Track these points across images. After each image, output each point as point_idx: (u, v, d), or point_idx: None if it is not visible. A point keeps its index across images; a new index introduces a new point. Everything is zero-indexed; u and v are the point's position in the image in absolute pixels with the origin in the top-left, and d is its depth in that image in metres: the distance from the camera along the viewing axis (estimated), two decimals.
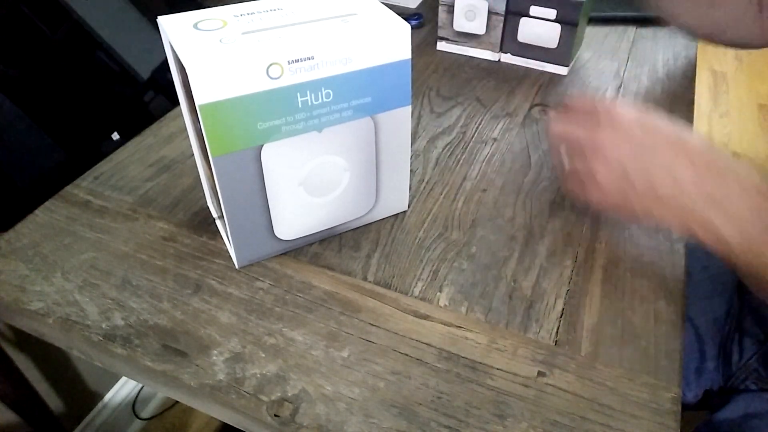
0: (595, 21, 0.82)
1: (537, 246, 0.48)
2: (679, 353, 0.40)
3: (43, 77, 0.52)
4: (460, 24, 0.72)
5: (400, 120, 0.44)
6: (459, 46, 0.74)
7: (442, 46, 0.75)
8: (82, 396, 1.04)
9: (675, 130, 0.41)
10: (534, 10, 0.67)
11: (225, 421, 0.41)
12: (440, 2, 0.71)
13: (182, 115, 0.63)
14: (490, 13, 0.70)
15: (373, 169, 0.46)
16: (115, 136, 0.58)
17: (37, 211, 0.51)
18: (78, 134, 0.55)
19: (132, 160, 0.57)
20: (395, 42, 0.39)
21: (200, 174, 0.49)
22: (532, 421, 0.37)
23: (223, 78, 0.35)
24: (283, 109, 0.38)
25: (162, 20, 0.39)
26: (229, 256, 0.47)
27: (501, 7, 0.69)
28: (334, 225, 0.48)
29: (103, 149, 0.58)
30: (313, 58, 0.37)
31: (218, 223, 0.49)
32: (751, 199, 0.38)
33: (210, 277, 0.46)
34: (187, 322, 0.42)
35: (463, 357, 0.40)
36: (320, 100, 0.39)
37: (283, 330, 0.42)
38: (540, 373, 0.39)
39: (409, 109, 0.44)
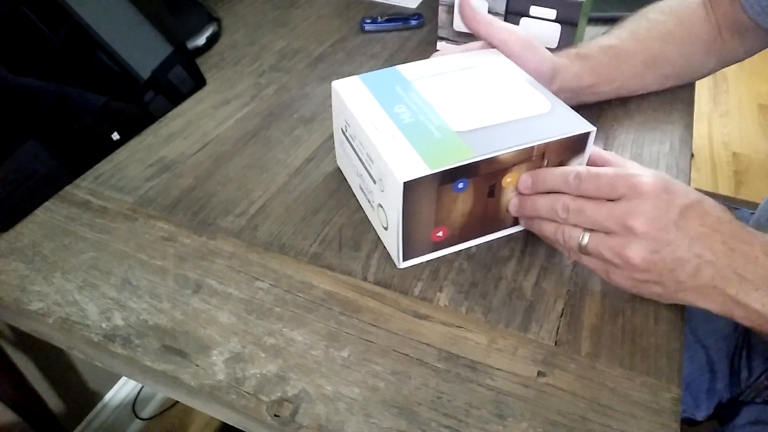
0: (595, 21, 0.82)
1: (537, 246, 0.48)
2: (679, 353, 0.40)
3: (43, 77, 0.52)
4: (460, 24, 0.72)
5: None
6: (459, 46, 0.74)
7: (441, 46, 0.75)
8: (82, 396, 1.04)
9: (695, 197, 0.38)
10: (534, 10, 0.67)
11: (225, 421, 0.41)
12: (440, 2, 0.71)
13: (182, 115, 0.63)
14: (490, 13, 0.69)
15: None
16: (115, 136, 0.58)
17: (37, 211, 0.51)
18: (78, 134, 0.55)
19: (132, 160, 0.57)
20: None
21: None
22: (532, 421, 0.37)
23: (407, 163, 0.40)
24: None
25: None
26: (230, 255, 0.47)
27: (501, 7, 0.69)
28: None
29: (103, 149, 0.58)
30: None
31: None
32: None
33: (210, 277, 0.46)
34: (187, 322, 0.42)
35: (463, 357, 0.40)
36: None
37: (283, 330, 0.42)
38: (540, 373, 0.39)
39: None
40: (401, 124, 0.43)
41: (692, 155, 0.53)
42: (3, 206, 0.50)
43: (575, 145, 0.43)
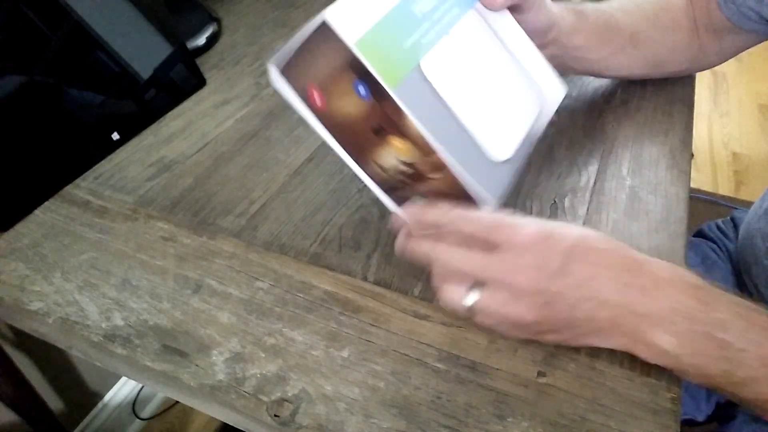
0: None
1: None
2: None
3: (43, 77, 0.52)
4: None
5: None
6: None
7: None
8: (82, 396, 1.04)
9: (577, 234, 0.36)
10: None
11: (225, 421, 0.41)
12: None
13: (182, 115, 0.63)
14: None
15: (508, 55, 0.43)
16: (115, 136, 0.58)
17: (37, 211, 0.51)
18: (78, 134, 0.55)
19: (132, 160, 0.57)
20: None
21: (359, 174, 0.42)
22: (532, 421, 0.37)
23: (357, 14, 0.35)
24: (417, 21, 0.37)
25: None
26: (230, 255, 0.47)
27: None
28: (530, 124, 0.43)
29: (103, 149, 0.58)
30: None
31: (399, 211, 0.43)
32: (671, 297, 0.35)
33: (210, 277, 0.46)
34: (187, 322, 0.42)
35: (463, 357, 0.40)
36: (429, 5, 0.38)
37: (283, 330, 0.42)
38: (540, 373, 0.39)
39: None
40: (406, 2, 0.38)
41: (692, 155, 0.53)
42: (3, 206, 0.50)
43: (468, 195, 0.38)
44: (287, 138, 0.60)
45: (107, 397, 1.09)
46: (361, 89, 0.36)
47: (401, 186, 0.40)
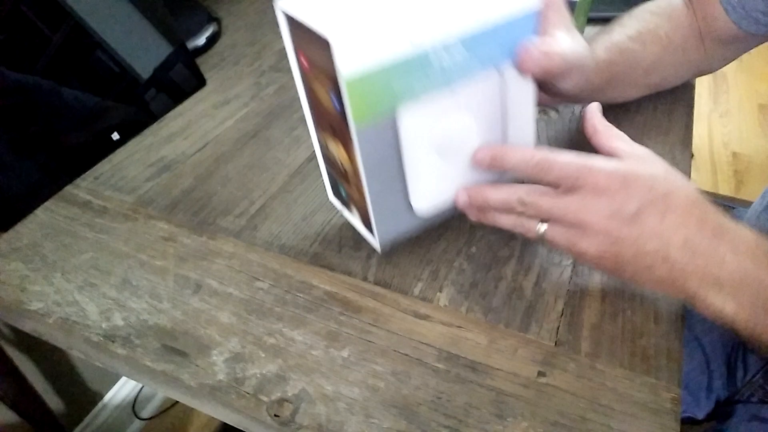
0: (595, 21, 0.82)
1: (537, 246, 0.48)
2: (679, 353, 0.40)
3: (43, 77, 0.52)
4: None
5: (524, 81, 0.42)
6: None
7: None
8: (82, 396, 1.04)
9: (661, 178, 0.37)
10: None
11: (225, 421, 0.41)
12: None
13: (182, 115, 0.63)
14: None
15: (499, 127, 0.43)
16: (115, 136, 0.58)
17: (37, 211, 0.51)
18: (78, 134, 0.55)
19: (132, 160, 0.57)
20: None
21: (321, 166, 0.47)
22: (532, 421, 0.37)
23: (366, 49, 0.34)
24: (420, 73, 0.37)
25: (281, 3, 0.38)
26: (230, 255, 0.47)
27: None
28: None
29: (103, 149, 0.58)
30: (444, 14, 0.36)
31: (345, 213, 0.48)
32: (745, 267, 0.36)
33: (210, 277, 0.46)
34: (187, 322, 0.42)
35: (463, 357, 0.40)
36: (453, 59, 0.38)
37: (283, 330, 0.42)
38: (540, 373, 0.39)
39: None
40: (424, 57, 0.37)
41: (692, 155, 0.53)
42: (3, 206, 0.50)
43: (367, 222, 0.43)
44: (287, 138, 0.60)
45: (107, 397, 1.09)
46: (334, 99, 0.38)
47: (334, 169, 0.45)
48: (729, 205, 0.87)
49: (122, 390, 1.12)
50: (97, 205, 0.52)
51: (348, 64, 0.34)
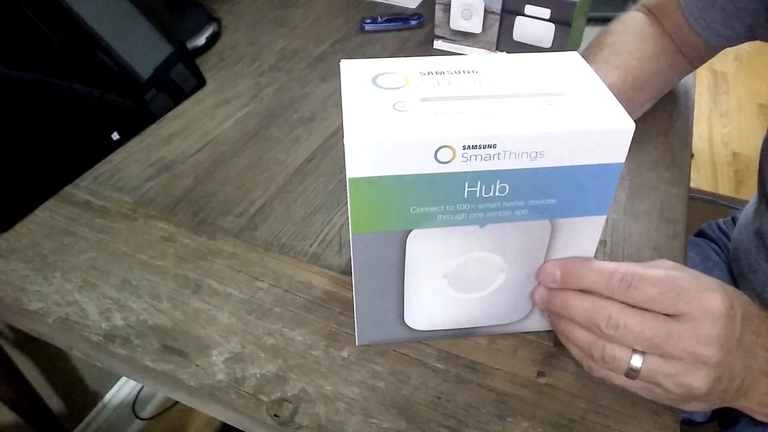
0: (595, 21, 0.82)
1: None
2: None
3: (43, 76, 0.52)
4: (457, 23, 0.72)
5: (588, 229, 0.35)
6: (455, 45, 0.74)
7: (438, 44, 0.75)
8: (82, 396, 1.04)
9: (745, 300, 0.34)
10: (529, 9, 0.67)
11: (225, 421, 0.41)
12: (437, 1, 0.71)
13: (182, 115, 0.63)
14: (486, 11, 0.70)
15: (535, 275, 0.37)
16: (115, 136, 0.58)
17: (37, 211, 0.51)
18: (78, 134, 0.55)
19: (132, 160, 0.57)
20: (609, 141, 0.30)
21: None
22: (532, 421, 0.36)
23: (382, 154, 0.29)
24: (444, 197, 0.32)
25: (344, 64, 0.34)
26: (230, 255, 0.47)
27: (497, 6, 0.69)
28: (474, 326, 0.40)
29: (103, 149, 0.58)
30: (495, 147, 0.30)
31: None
32: None
33: (210, 277, 0.46)
34: (187, 322, 0.42)
35: (463, 357, 0.40)
36: (491, 194, 0.32)
37: (283, 330, 0.42)
38: (540, 373, 0.39)
39: (603, 219, 0.34)
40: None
41: (692, 155, 0.53)
42: (3, 206, 0.50)
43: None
44: (287, 138, 0.60)
45: (107, 397, 1.09)
46: None
47: None
48: (729, 205, 0.87)
49: (122, 390, 1.11)
50: (97, 205, 0.52)
51: (357, 164, 0.30)
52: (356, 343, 0.41)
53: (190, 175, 0.55)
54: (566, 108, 0.31)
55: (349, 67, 0.34)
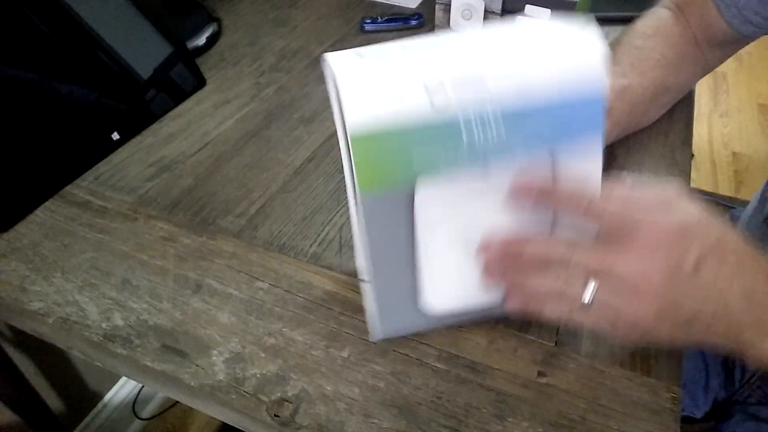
0: (594, 21, 0.82)
1: None
2: (679, 353, 0.40)
3: (43, 76, 0.52)
4: (457, 23, 0.72)
5: (588, 153, 0.35)
6: None
7: None
8: (82, 396, 1.04)
9: (716, 235, 0.34)
10: (529, 9, 0.67)
11: (225, 421, 0.41)
12: (437, 1, 0.71)
13: (182, 115, 0.63)
14: (486, 11, 0.70)
15: (547, 219, 0.37)
16: (115, 136, 0.58)
17: (37, 211, 0.51)
18: (78, 134, 0.55)
19: (132, 160, 0.57)
20: (587, 65, 0.32)
21: (354, 227, 0.41)
22: (532, 421, 0.36)
23: (382, 105, 0.30)
24: (444, 144, 0.32)
25: (328, 56, 0.34)
26: (230, 255, 0.47)
27: (497, 6, 0.69)
28: (490, 304, 0.38)
29: (103, 149, 0.58)
30: (483, 79, 0.31)
31: (364, 286, 0.41)
32: None
33: (210, 277, 0.46)
34: (187, 322, 0.42)
35: (463, 357, 0.40)
36: (489, 136, 0.32)
37: (283, 330, 0.42)
38: (540, 373, 0.39)
39: (599, 146, 0.34)
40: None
41: (692, 155, 0.53)
42: (3, 206, 0.50)
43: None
44: (287, 138, 0.60)
45: (107, 397, 1.09)
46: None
47: None
48: (729, 205, 0.87)
49: (122, 390, 1.11)
50: (97, 205, 0.52)
51: (356, 119, 0.30)
52: (371, 339, 0.40)
53: (190, 175, 0.55)
54: (545, 43, 0.33)
55: (332, 56, 0.34)
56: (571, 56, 0.33)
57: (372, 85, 0.31)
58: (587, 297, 0.34)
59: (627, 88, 0.53)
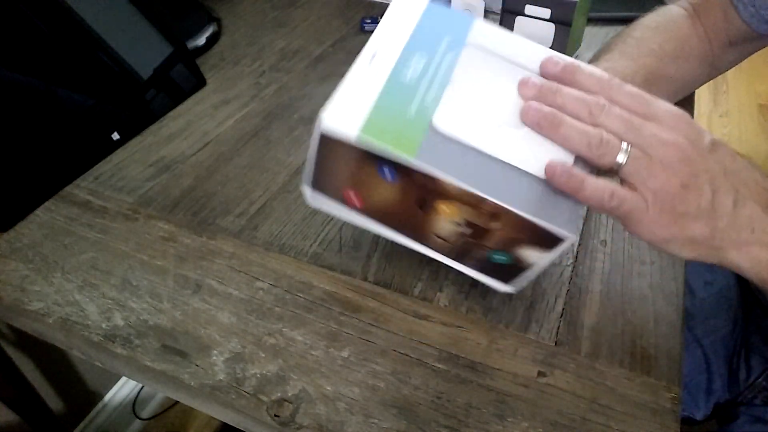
0: (595, 21, 0.82)
1: None
2: (679, 353, 0.40)
3: (42, 76, 0.52)
4: None
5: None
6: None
7: None
8: (82, 396, 1.04)
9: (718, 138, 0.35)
10: (529, 9, 0.67)
11: (225, 421, 0.41)
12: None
13: (182, 115, 0.63)
14: (486, 11, 0.70)
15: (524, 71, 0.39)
16: (115, 136, 0.58)
17: (37, 211, 0.51)
18: (78, 134, 0.55)
19: (132, 160, 0.57)
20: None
21: (427, 253, 0.40)
22: (532, 421, 0.37)
23: (350, 105, 0.34)
24: (406, 93, 0.35)
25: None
26: (230, 255, 0.47)
27: (497, 6, 0.69)
28: (501, 154, 0.36)
29: (103, 149, 0.58)
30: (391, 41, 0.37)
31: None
32: None
33: (210, 277, 0.46)
34: (187, 322, 0.42)
35: (463, 357, 0.40)
36: (416, 66, 0.36)
37: (283, 330, 0.42)
38: (540, 373, 0.39)
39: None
40: (396, 74, 0.36)
41: None
42: (3, 206, 0.50)
43: (540, 238, 0.34)
44: (287, 138, 0.60)
45: (107, 397, 1.09)
46: (387, 172, 0.35)
47: (470, 248, 0.38)
48: None
49: (122, 390, 1.11)
50: (97, 205, 0.52)
51: (349, 129, 0.33)
52: (570, 238, 0.34)
53: (190, 175, 0.55)
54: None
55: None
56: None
57: (339, 105, 0.34)
58: (622, 158, 0.34)
59: (609, 69, 0.52)
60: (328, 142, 0.34)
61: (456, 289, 0.45)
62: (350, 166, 0.35)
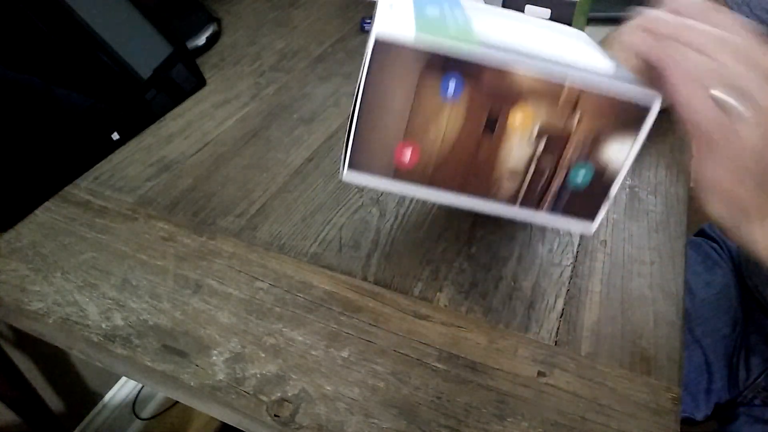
0: (595, 21, 0.82)
1: (537, 246, 0.48)
2: (679, 353, 0.40)
3: (43, 77, 0.52)
4: None
5: None
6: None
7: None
8: (82, 396, 1.04)
9: None
10: (529, 9, 0.67)
11: (225, 421, 0.41)
12: None
13: (182, 115, 0.63)
14: None
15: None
16: (115, 136, 0.58)
17: (37, 211, 0.51)
18: (78, 134, 0.55)
19: (132, 160, 0.57)
20: None
21: (496, 211, 0.36)
22: (532, 421, 0.37)
23: (394, 18, 0.32)
24: (435, 11, 0.35)
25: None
26: (230, 255, 0.47)
27: (497, 5, 0.69)
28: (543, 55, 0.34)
29: (103, 149, 0.58)
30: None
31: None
32: None
33: (210, 277, 0.46)
34: (187, 322, 0.42)
35: (463, 357, 0.40)
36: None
37: (283, 330, 0.42)
38: (540, 373, 0.39)
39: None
40: (419, 11, 0.34)
41: (692, 155, 0.52)
42: (3, 206, 0.50)
43: (624, 115, 0.33)
44: (287, 138, 0.60)
45: (107, 397, 1.09)
46: (451, 87, 0.31)
47: (545, 180, 0.34)
48: None
49: (122, 390, 1.12)
50: (97, 205, 0.52)
51: (404, 31, 0.30)
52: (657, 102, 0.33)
53: (190, 175, 0.55)
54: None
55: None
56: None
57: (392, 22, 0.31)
58: (717, 91, 0.31)
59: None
60: (382, 59, 0.30)
61: (456, 289, 0.45)
62: (406, 90, 0.31)
